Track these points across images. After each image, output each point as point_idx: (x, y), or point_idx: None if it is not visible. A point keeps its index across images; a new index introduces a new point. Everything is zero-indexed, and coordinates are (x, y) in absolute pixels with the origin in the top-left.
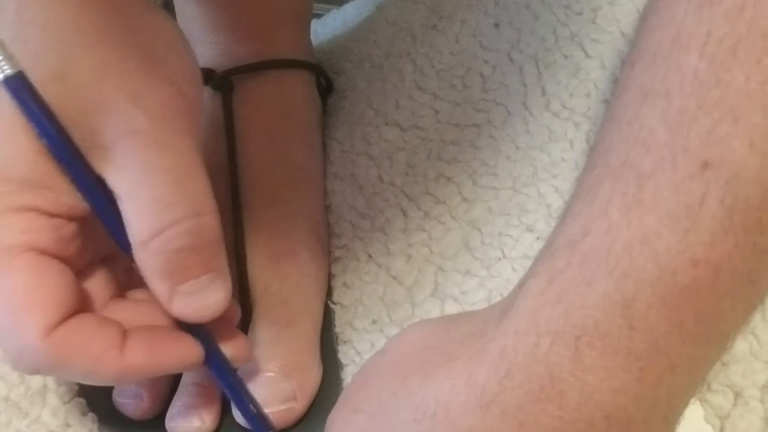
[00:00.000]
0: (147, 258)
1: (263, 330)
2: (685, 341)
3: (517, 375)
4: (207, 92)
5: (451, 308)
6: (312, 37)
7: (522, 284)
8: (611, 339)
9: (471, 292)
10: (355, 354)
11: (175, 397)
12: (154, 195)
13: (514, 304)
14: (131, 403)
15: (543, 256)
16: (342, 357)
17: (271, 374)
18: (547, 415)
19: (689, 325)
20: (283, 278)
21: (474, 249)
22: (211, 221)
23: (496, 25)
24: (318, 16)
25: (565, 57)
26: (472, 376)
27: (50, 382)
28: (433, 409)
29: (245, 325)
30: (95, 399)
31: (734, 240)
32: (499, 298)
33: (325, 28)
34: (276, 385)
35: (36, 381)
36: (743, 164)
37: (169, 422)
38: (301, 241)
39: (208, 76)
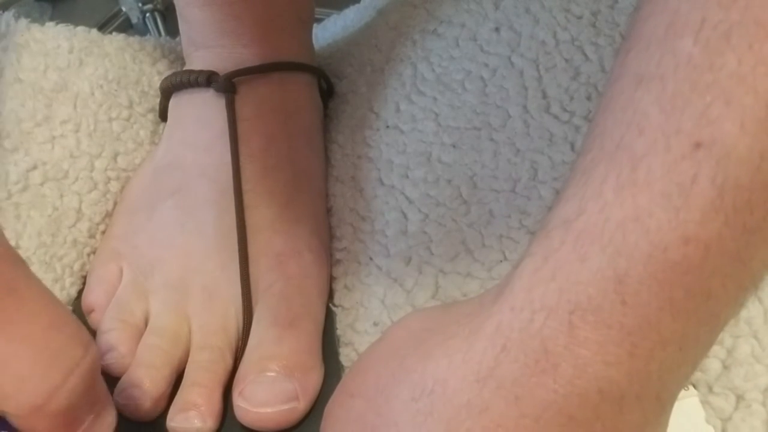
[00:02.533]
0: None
1: (265, 330)
2: (675, 317)
3: (513, 350)
4: (210, 94)
5: None
6: (314, 41)
7: (517, 265)
8: (604, 314)
9: (472, 294)
10: (357, 356)
11: (176, 398)
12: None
13: (509, 283)
14: (132, 404)
15: (538, 236)
16: (343, 359)
17: (272, 374)
18: (542, 388)
19: (680, 302)
20: (285, 279)
21: (474, 251)
22: (94, 351)
23: (497, 29)
24: (319, 20)
25: (566, 61)
26: (469, 353)
27: None
28: (430, 387)
29: (247, 326)
30: None
31: (724, 219)
32: None
33: (325, 33)
34: (278, 385)
35: None
36: (734, 145)
37: (170, 422)
38: (304, 242)
39: (211, 78)
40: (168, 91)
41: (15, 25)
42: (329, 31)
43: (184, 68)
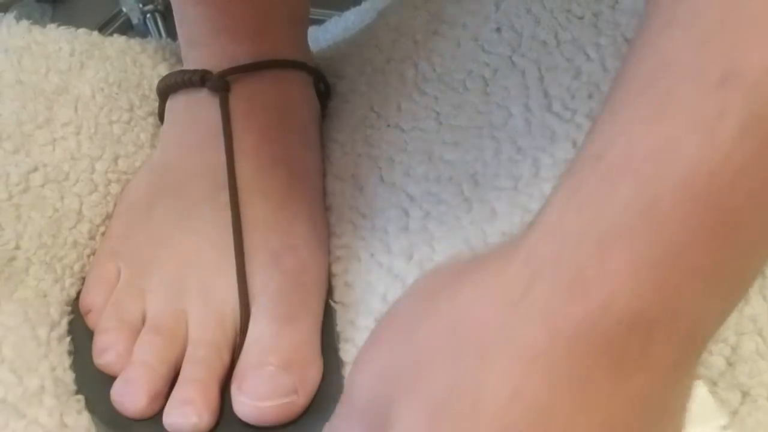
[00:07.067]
0: None
1: (263, 325)
2: (705, 247)
3: (543, 277)
4: (204, 93)
5: None
6: (313, 44)
7: (546, 203)
8: (633, 243)
9: None
10: (357, 352)
11: (173, 393)
12: None
13: (538, 219)
14: (129, 402)
15: (565, 175)
16: (343, 355)
17: (271, 368)
18: (571, 317)
19: (709, 231)
20: (282, 274)
21: (477, 249)
22: None
23: (498, 30)
24: (319, 22)
25: (567, 60)
26: (499, 284)
27: (47, 383)
28: (462, 316)
29: (244, 322)
30: (93, 399)
31: (750, 152)
32: None
33: (326, 35)
34: (277, 379)
35: (33, 382)
36: (762, 79)
37: (167, 419)
38: (300, 237)
39: (205, 77)
40: (164, 92)
41: (16, 27)
42: (330, 32)
43: (180, 68)
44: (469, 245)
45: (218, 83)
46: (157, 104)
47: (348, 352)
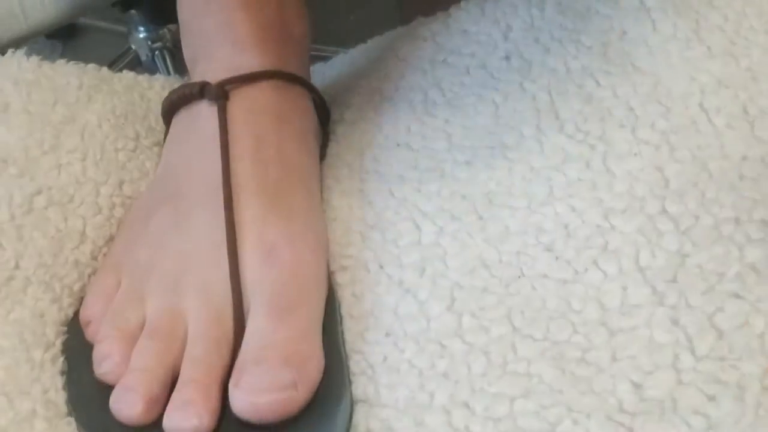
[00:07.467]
0: None
1: (260, 320)
2: None
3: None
4: (204, 104)
5: (469, 323)
6: (319, 79)
7: None
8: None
9: (490, 308)
10: (367, 366)
11: (173, 394)
12: None
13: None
14: (126, 409)
15: None
16: (353, 365)
17: (269, 363)
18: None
19: None
20: (278, 268)
21: (492, 267)
22: None
23: (507, 58)
24: (325, 59)
25: (578, 87)
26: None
27: (39, 406)
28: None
29: (239, 318)
30: (85, 419)
31: None
32: (519, 316)
33: (332, 71)
34: (274, 374)
35: (24, 406)
36: None
37: (167, 421)
38: (297, 234)
39: (204, 89)
40: (168, 111)
41: (27, 63)
42: (335, 68)
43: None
44: (484, 263)
45: (216, 92)
46: (161, 136)
47: (357, 363)
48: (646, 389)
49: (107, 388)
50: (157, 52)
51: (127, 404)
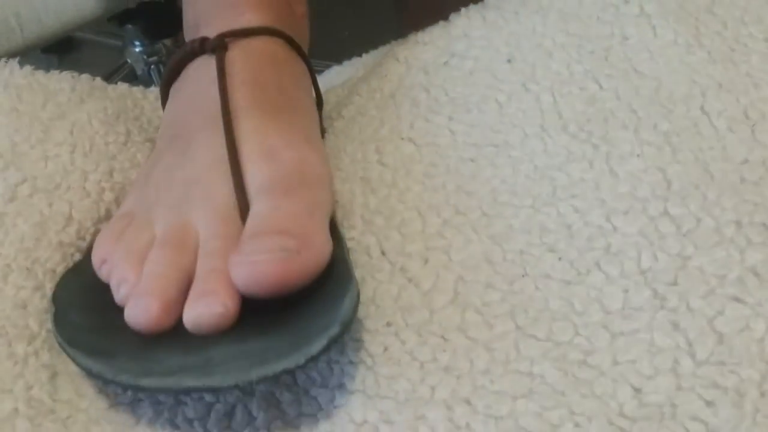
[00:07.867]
0: None
1: (261, 203)
2: None
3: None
4: (204, 58)
5: (472, 318)
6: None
7: None
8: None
9: (494, 305)
10: (367, 356)
11: (192, 288)
12: None
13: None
14: (142, 315)
15: None
16: (351, 355)
17: (269, 233)
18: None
19: None
20: (280, 164)
21: (496, 264)
22: None
23: (509, 61)
24: (319, 73)
25: (581, 89)
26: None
27: (21, 405)
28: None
29: (243, 212)
30: (87, 349)
31: None
32: (522, 315)
33: (325, 81)
34: (275, 239)
35: (6, 405)
36: None
37: (190, 312)
38: (298, 140)
39: (204, 43)
40: (169, 80)
41: (19, 70)
42: (329, 79)
43: None
44: (488, 259)
45: (215, 42)
46: (154, 135)
47: (356, 352)
48: (646, 394)
49: (109, 318)
50: (152, 67)
51: (141, 309)
